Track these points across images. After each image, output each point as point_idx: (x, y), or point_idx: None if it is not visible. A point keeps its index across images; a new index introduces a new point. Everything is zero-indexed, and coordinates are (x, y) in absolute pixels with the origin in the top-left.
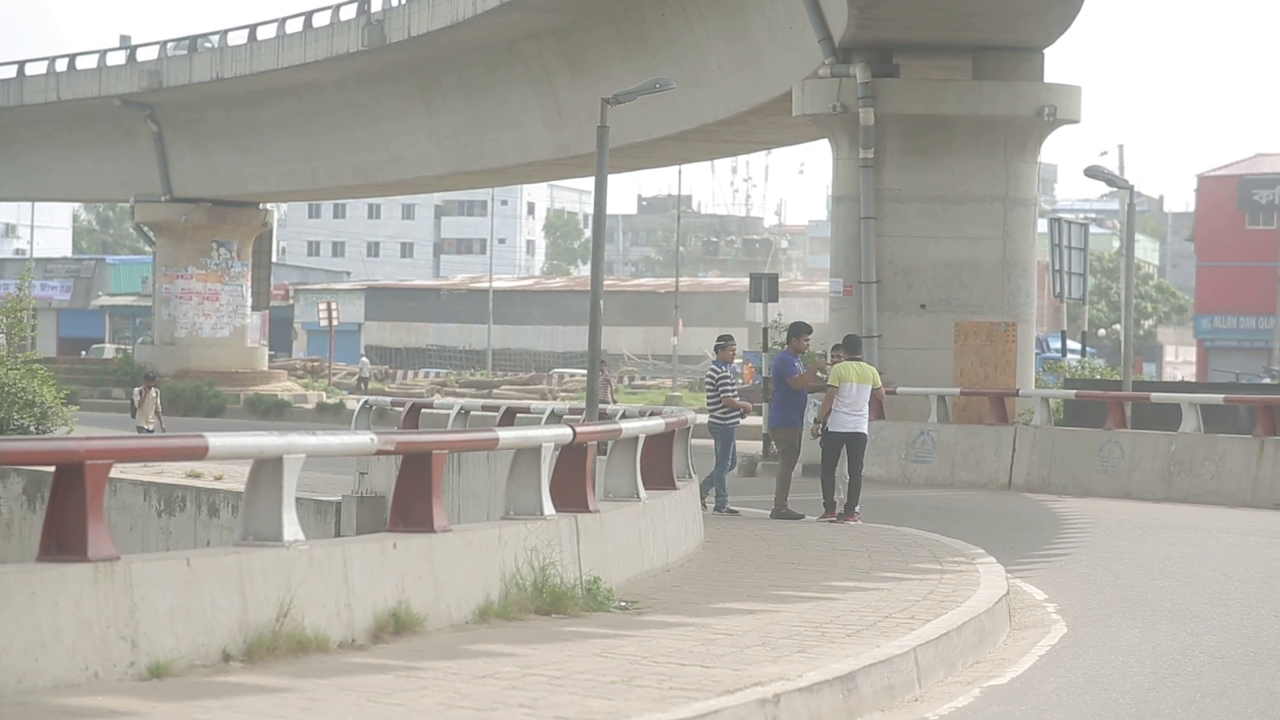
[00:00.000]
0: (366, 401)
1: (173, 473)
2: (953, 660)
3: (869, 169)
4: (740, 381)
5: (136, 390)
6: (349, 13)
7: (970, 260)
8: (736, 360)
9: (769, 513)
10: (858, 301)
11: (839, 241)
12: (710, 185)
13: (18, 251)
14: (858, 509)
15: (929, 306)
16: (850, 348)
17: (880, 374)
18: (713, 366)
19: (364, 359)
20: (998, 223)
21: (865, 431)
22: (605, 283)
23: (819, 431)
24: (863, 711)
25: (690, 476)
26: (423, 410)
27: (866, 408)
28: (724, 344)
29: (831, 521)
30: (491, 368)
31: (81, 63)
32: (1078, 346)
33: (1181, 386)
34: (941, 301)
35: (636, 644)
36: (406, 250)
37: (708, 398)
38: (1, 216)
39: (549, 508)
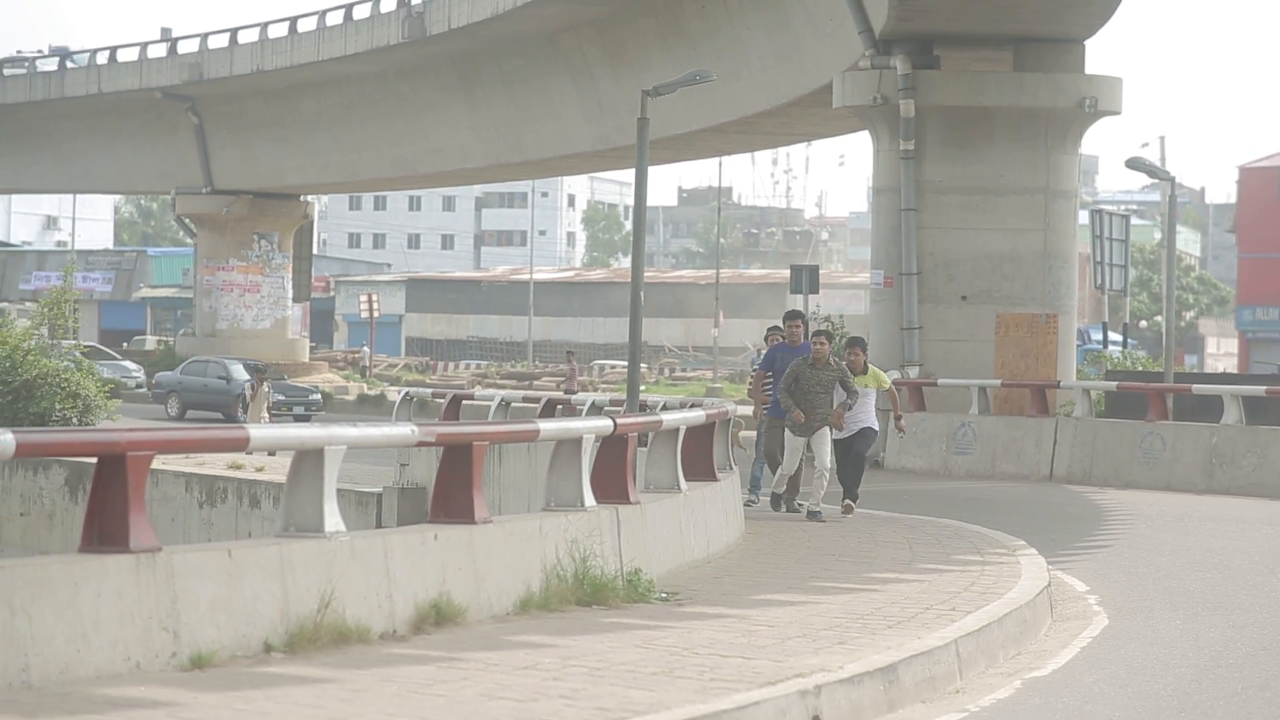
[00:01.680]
0: (407, 393)
1: (214, 464)
2: (994, 652)
3: (909, 161)
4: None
5: (247, 384)
6: (389, 5)
7: (1011, 252)
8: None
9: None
10: (898, 293)
11: (880, 233)
12: (750, 177)
13: (59, 243)
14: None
15: (970, 298)
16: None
17: (921, 365)
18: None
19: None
20: (1039, 214)
21: (873, 426)
22: (645, 275)
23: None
24: (904, 703)
25: (731, 468)
26: (463, 402)
27: (871, 407)
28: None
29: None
30: (532, 359)
31: (122, 55)
32: (1119, 338)
33: (1223, 378)
34: (982, 293)
35: (677, 635)
36: (447, 242)
37: None
38: (43, 208)
39: (590, 499)
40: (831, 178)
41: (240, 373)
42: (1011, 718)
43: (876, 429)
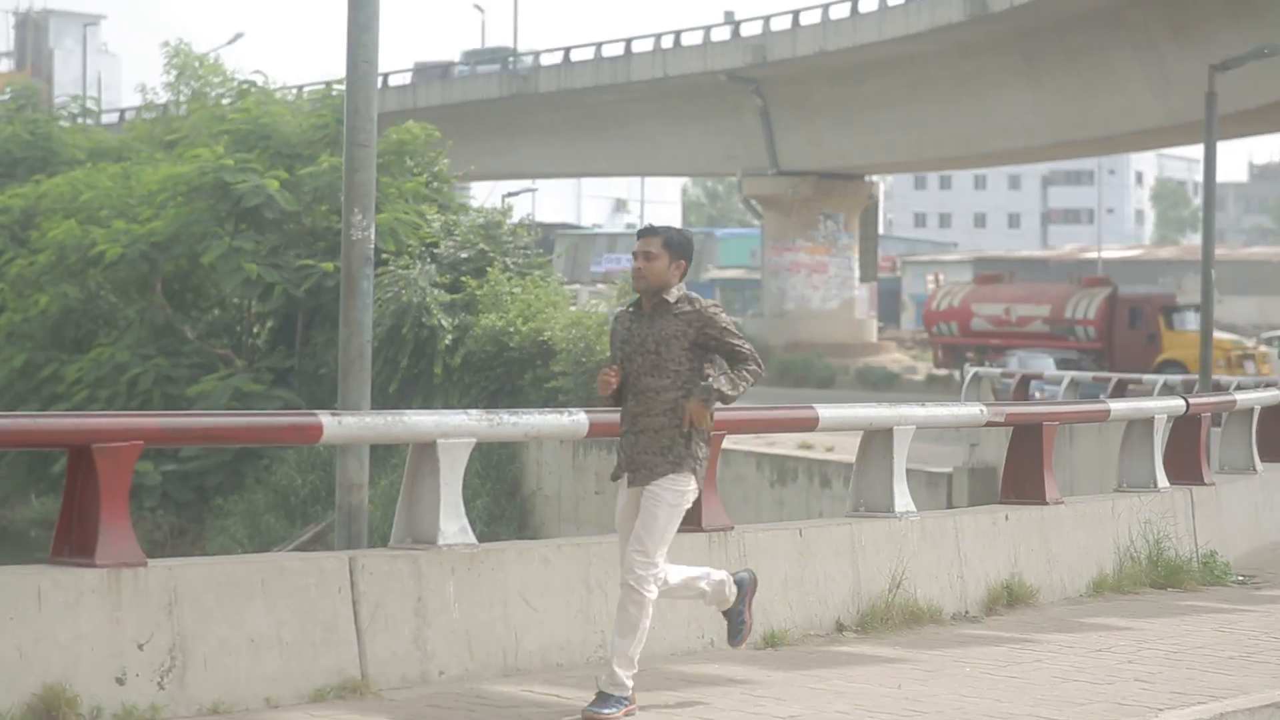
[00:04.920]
0: (975, 373)
1: (784, 444)
2: None
3: None
4: None
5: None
6: None
7: None
8: None
9: None
10: None
11: None
12: None
13: (629, 226)
14: None
15: None
16: None
17: None
18: None
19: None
20: None
21: None
22: (1216, 252)
23: None
24: None
25: None
26: (1033, 382)
27: None
28: None
29: None
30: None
31: (686, 39)
32: None
33: None
34: None
35: (1255, 619)
36: (1013, 221)
37: None
38: (613, 191)
39: (1162, 480)
40: None
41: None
42: None
43: None
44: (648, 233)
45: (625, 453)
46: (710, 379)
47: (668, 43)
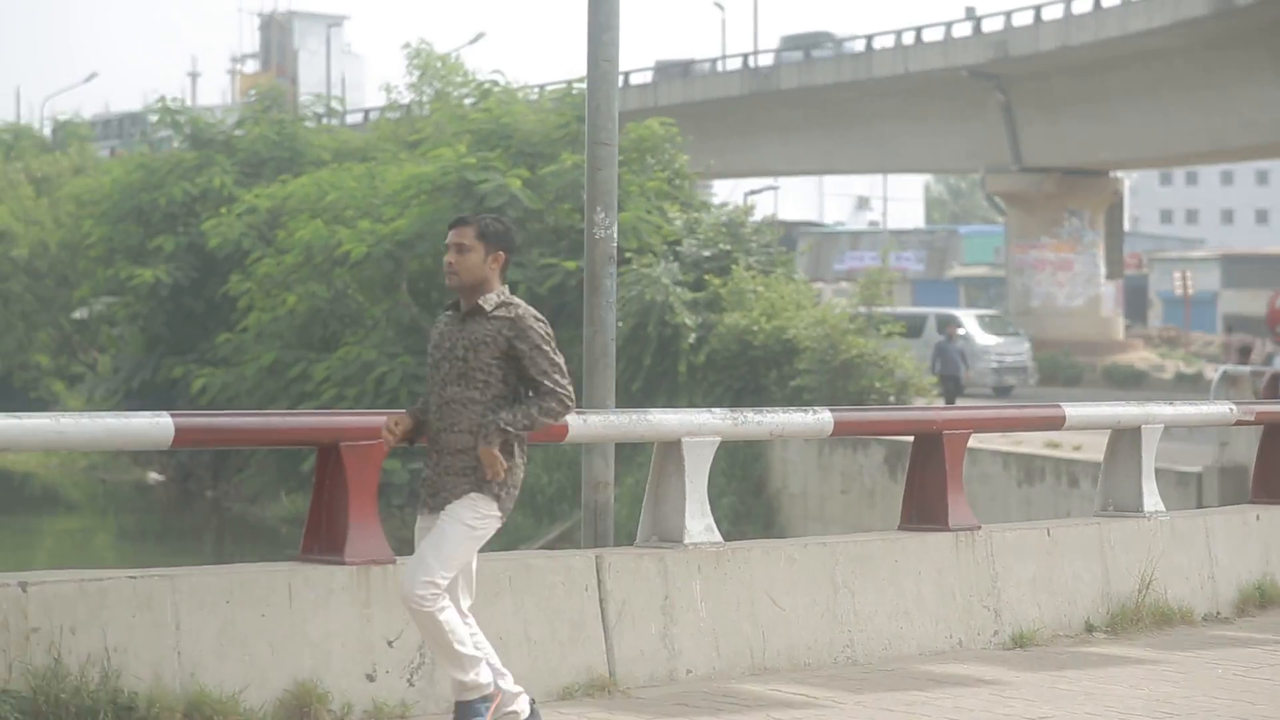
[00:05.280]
0: (1225, 371)
1: (1031, 442)
2: None
3: None
4: None
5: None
6: None
7: None
8: None
9: None
10: None
11: None
12: None
13: (871, 224)
14: None
15: None
16: None
17: None
18: None
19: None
20: None
21: None
22: None
23: None
24: None
25: None
26: None
27: None
28: None
29: None
30: None
31: (927, 35)
32: None
33: None
34: None
35: None
36: (1261, 217)
37: None
38: (855, 189)
39: None
40: None
41: None
42: None
43: None
44: (460, 222)
45: (426, 475)
46: (496, 415)
47: (909, 39)
